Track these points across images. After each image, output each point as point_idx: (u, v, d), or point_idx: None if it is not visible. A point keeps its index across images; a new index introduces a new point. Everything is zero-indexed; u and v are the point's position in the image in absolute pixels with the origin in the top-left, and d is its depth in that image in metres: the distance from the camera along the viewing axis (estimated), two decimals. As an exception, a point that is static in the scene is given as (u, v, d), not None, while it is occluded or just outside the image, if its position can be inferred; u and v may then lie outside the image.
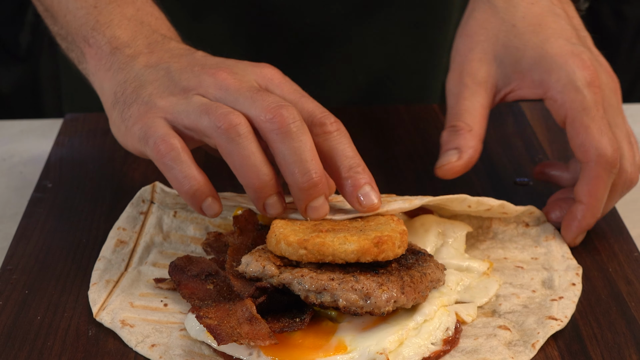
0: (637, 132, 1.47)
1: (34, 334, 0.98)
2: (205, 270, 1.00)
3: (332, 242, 0.92)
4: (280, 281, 0.92)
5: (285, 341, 0.91)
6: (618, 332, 0.98)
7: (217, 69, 1.03)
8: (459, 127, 1.11)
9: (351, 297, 0.89)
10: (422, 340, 0.93)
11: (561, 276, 1.04)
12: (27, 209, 1.20)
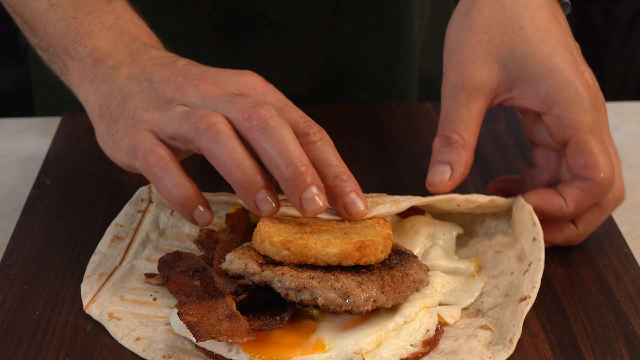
0: (628, 129, 1.48)
1: (33, 329, 0.98)
2: (193, 266, 1.00)
3: (315, 244, 0.92)
4: (261, 279, 0.92)
5: (265, 339, 0.91)
6: (608, 326, 0.98)
7: (200, 80, 1.03)
8: (453, 140, 1.08)
9: (330, 295, 0.89)
10: (401, 342, 0.93)
11: (526, 239, 1.04)
12: (25, 206, 1.20)
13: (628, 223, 1.23)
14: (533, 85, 1.09)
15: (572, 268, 1.07)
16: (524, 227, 1.05)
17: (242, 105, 0.97)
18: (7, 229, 1.20)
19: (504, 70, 1.10)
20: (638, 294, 1.02)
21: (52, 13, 1.14)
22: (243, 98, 0.99)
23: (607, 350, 0.95)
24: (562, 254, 1.09)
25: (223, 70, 1.06)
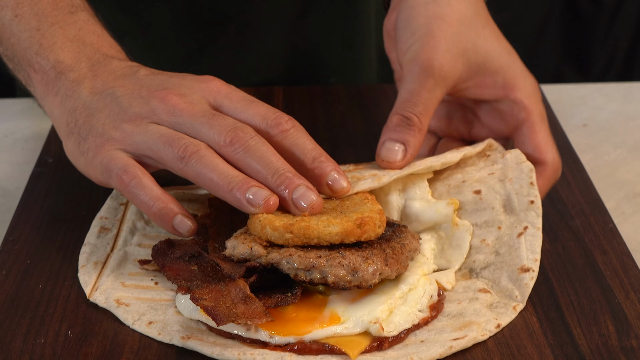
0: (613, 109, 1.48)
1: (36, 302, 0.98)
2: (188, 252, 1.00)
3: (317, 225, 0.92)
4: (268, 261, 0.92)
5: (280, 316, 0.91)
6: (594, 299, 0.98)
7: (164, 91, 1.02)
8: (413, 122, 1.07)
9: (339, 272, 0.89)
10: (409, 308, 0.93)
11: (518, 192, 1.03)
12: (28, 183, 1.20)
13: (613, 200, 1.23)
14: (491, 76, 1.12)
15: (559, 243, 1.07)
16: (511, 172, 1.05)
17: (221, 129, 0.98)
18: (11, 206, 1.20)
19: (467, 63, 1.12)
20: (623, 268, 1.03)
21: (16, 24, 1.12)
22: (220, 120, 0.99)
23: (593, 323, 0.95)
24: (550, 230, 1.09)
25: (185, 78, 1.06)
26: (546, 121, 1.12)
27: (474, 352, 0.91)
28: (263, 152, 0.97)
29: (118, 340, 0.93)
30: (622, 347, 0.92)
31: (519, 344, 0.92)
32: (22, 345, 0.92)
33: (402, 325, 0.92)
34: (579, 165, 1.23)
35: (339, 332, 0.90)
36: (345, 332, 0.90)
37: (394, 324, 0.91)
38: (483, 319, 0.92)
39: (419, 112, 1.07)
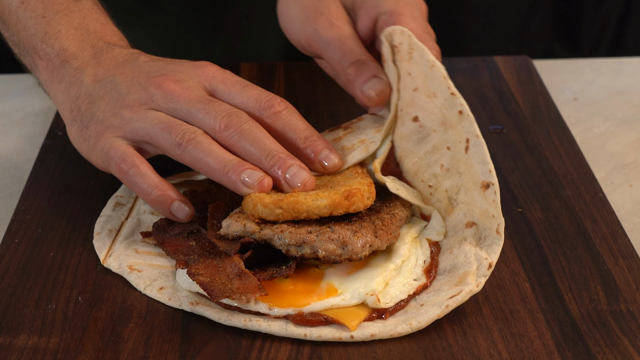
0: (602, 83, 1.48)
1: (47, 269, 0.98)
2: (187, 228, 1.00)
3: (305, 199, 0.92)
4: (261, 237, 0.92)
5: (278, 289, 0.91)
6: (584, 265, 0.98)
7: (161, 78, 1.03)
8: (365, 60, 1.06)
9: (329, 247, 0.90)
10: (404, 279, 0.93)
11: (446, 106, 0.99)
12: (39, 155, 1.20)
13: (603, 171, 1.23)
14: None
15: (550, 212, 1.07)
16: (431, 84, 0.99)
17: (216, 114, 0.99)
18: (22, 177, 1.20)
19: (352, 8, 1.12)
20: (612, 236, 1.03)
21: (22, 10, 1.12)
22: (216, 105, 1.00)
23: (583, 288, 0.95)
24: (542, 199, 1.09)
25: (182, 64, 1.06)
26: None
27: (470, 318, 0.91)
28: (256, 135, 0.98)
29: (126, 306, 0.93)
30: (612, 311, 0.92)
31: (512, 308, 0.92)
32: (35, 310, 0.93)
33: (398, 296, 0.92)
34: (570, 137, 1.23)
35: (337, 303, 0.90)
36: (343, 304, 0.90)
37: (389, 296, 0.92)
38: (474, 265, 0.92)
39: (361, 54, 1.06)
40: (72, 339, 0.89)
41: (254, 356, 0.87)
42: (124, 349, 0.88)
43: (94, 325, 0.91)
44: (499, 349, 0.88)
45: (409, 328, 0.89)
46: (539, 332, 0.90)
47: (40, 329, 0.90)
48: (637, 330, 0.89)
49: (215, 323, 0.91)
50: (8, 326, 0.91)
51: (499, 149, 1.20)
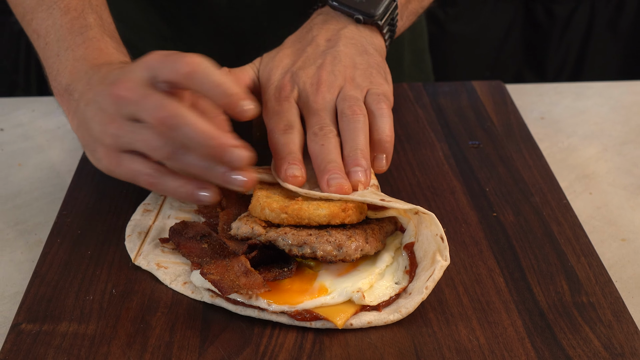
0: (565, 104, 1.48)
1: (86, 265, 0.98)
2: (199, 232, 0.99)
3: (308, 207, 0.92)
4: (267, 238, 0.92)
5: (277, 287, 0.91)
6: (550, 263, 0.98)
7: (112, 87, 0.93)
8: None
9: (327, 248, 0.89)
10: (387, 282, 0.93)
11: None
12: (79, 166, 1.20)
13: (566, 180, 1.23)
14: None
15: (521, 216, 1.07)
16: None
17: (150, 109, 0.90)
18: (64, 185, 1.20)
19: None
20: (574, 237, 1.03)
21: (47, 50, 1.09)
22: (151, 99, 0.91)
23: (550, 282, 0.95)
24: (513, 205, 1.09)
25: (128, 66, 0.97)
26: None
27: (452, 308, 0.91)
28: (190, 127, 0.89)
29: (154, 297, 0.93)
30: (575, 302, 0.92)
31: (488, 300, 0.92)
32: (74, 301, 0.93)
33: (381, 297, 0.91)
34: (538, 151, 1.23)
35: (327, 302, 0.89)
36: (332, 302, 0.89)
37: (374, 295, 0.91)
38: (434, 244, 0.91)
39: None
40: (107, 326, 0.89)
41: (264, 341, 0.87)
42: (152, 335, 0.88)
43: (126, 314, 0.91)
44: (477, 335, 0.87)
45: (400, 315, 0.89)
46: (512, 321, 0.89)
47: (80, 318, 0.90)
48: (597, 319, 0.89)
49: (231, 313, 0.91)
50: (52, 315, 0.91)
51: (477, 162, 1.19)
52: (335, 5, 1.13)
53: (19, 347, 0.86)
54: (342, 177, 0.95)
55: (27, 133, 1.40)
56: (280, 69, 1.10)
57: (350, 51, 1.09)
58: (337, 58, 1.08)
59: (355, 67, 1.08)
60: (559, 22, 2.64)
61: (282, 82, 1.07)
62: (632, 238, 1.11)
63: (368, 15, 1.12)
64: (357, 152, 0.98)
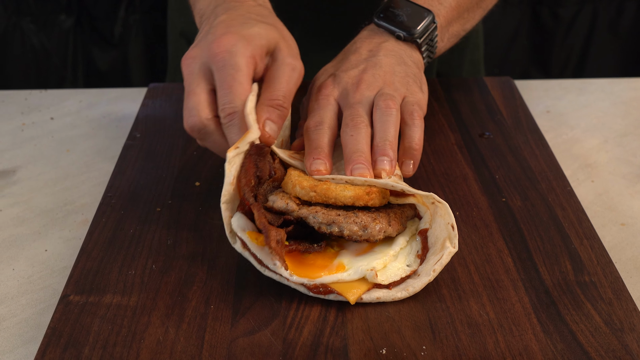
0: (569, 99, 1.46)
1: (128, 242, 0.98)
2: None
3: (335, 188, 0.91)
4: (299, 215, 0.91)
5: (301, 260, 0.90)
6: (555, 244, 0.97)
7: (184, 58, 0.99)
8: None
9: (353, 228, 0.89)
10: (400, 264, 0.92)
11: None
12: (122, 153, 1.20)
13: (570, 169, 1.22)
14: None
15: (528, 201, 1.06)
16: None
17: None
18: (108, 170, 1.21)
19: None
20: (578, 221, 1.02)
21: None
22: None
23: (555, 262, 0.94)
24: (521, 191, 1.08)
25: (246, 23, 1.00)
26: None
27: (464, 285, 0.91)
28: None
29: (191, 272, 0.93)
30: (577, 281, 0.91)
31: (497, 278, 0.92)
32: (118, 275, 0.93)
33: (392, 277, 0.90)
34: (544, 142, 1.22)
35: (343, 278, 0.89)
36: (347, 279, 0.89)
37: (386, 275, 0.90)
38: (445, 231, 0.90)
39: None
40: (148, 299, 0.89)
41: (291, 314, 0.87)
42: (188, 307, 0.88)
43: (165, 287, 0.91)
44: (487, 310, 0.87)
45: (407, 293, 0.89)
46: (519, 297, 0.89)
47: (123, 290, 0.90)
48: (598, 297, 0.89)
49: (260, 289, 0.90)
50: (97, 287, 0.91)
51: (487, 151, 1.19)
52: (379, 23, 1.14)
53: (67, 316, 0.87)
54: (365, 167, 0.95)
55: (74, 122, 1.40)
56: (325, 73, 1.11)
57: (390, 60, 1.10)
58: (378, 65, 1.08)
59: (394, 73, 1.08)
60: (563, 23, 2.62)
61: (324, 82, 1.08)
62: (630, 223, 1.10)
63: (408, 33, 1.13)
64: (385, 142, 0.98)
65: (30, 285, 0.99)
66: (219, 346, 0.83)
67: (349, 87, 1.05)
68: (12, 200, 1.16)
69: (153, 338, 0.84)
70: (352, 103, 1.03)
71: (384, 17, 1.14)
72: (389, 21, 1.14)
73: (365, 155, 0.96)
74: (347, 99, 1.04)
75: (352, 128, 0.99)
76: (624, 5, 2.60)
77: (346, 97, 1.04)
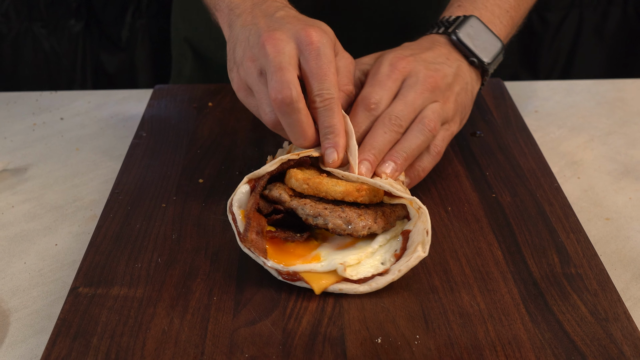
0: (557, 100, 1.46)
1: (134, 237, 0.98)
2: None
3: (327, 183, 0.91)
4: (289, 205, 0.92)
5: (283, 247, 0.91)
6: (543, 238, 0.97)
7: (267, 38, 0.93)
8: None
9: (337, 222, 0.89)
10: (374, 262, 0.91)
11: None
12: (128, 151, 1.20)
13: (557, 166, 1.22)
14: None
15: (517, 197, 1.06)
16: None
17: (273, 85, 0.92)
18: (116, 168, 1.20)
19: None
20: (564, 216, 1.02)
21: None
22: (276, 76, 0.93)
23: (542, 255, 0.94)
24: (511, 187, 1.08)
25: (294, 23, 0.96)
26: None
27: (456, 277, 0.91)
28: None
29: (195, 266, 0.93)
30: (564, 273, 0.91)
31: (488, 270, 0.92)
32: (125, 268, 0.93)
33: (363, 273, 0.89)
34: (532, 140, 1.22)
35: (315, 269, 0.88)
36: (319, 270, 0.89)
37: (356, 271, 0.89)
38: (420, 236, 0.89)
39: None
40: (153, 290, 0.89)
41: (290, 305, 0.87)
42: (192, 298, 0.88)
43: (170, 280, 0.91)
44: (477, 301, 0.87)
45: (369, 288, 0.88)
46: (509, 289, 0.89)
47: (129, 282, 0.90)
48: (584, 288, 0.89)
49: (262, 279, 0.90)
50: (105, 280, 0.91)
51: (478, 149, 1.19)
52: (456, 40, 1.11)
53: (76, 307, 0.87)
54: (371, 168, 0.95)
55: (83, 122, 1.40)
56: (399, 50, 1.07)
57: (460, 84, 1.07)
58: (448, 77, 1.05)
59: (457, 94, 1.06)
60: (551, 28, 2.62)
61: (404, 57, 1.04)
62: (615, 217, 1.10)
63: (480, 61, 1.11)
64: (403, 155, 0.98)
65: (41, 278, 0.99)
66: (222, 336, 0.83)
67: (420, 77, 1.02)
68: (24, 197, 1.16)
69: (158, 328, 0.84)
70: (410, 101, 1.00)
71: (464, 36, 1.11)
72: (469, 42, 1.11)
73: (379, 156, 0.96)
74: (411, 89, 1.02)
75: (389, 127, 0.98)
76: (609, 10, 2.60)
77: (413, 85, 1.02)
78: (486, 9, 1.16)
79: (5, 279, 0.98)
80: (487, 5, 1.17)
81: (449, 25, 1.13)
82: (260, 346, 0.81)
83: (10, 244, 1.05)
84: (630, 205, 1.13)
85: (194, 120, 1.29)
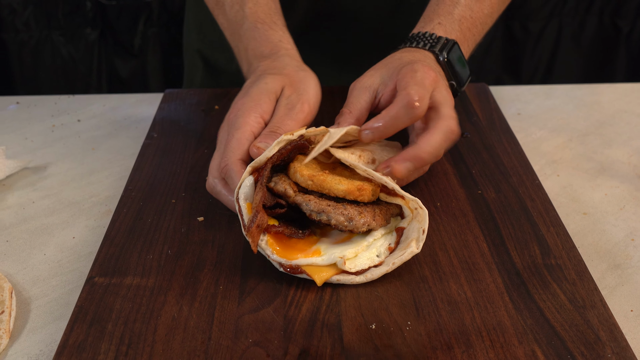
0: (537, 103, 1.46)
1: (146, 230, 0.98)
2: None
3: (331, 180, 0.91)
4: (294, 201, 0.91)
5: (286, 241, 0.90)
6: (525, 231, 0.97)
7: (243, 99, 1.04)
8: (343, 112, 1.02)
9: (340, 218, 0.88)
10: (370, 254, 0.91)
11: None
12: (141, 150, 1.20)
13: (538, 164, 1.22)
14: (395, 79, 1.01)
15: (501, 193, 1.06)
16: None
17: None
18: (129, 166, 1.20)
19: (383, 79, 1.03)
20: (545, 211, 1.02)
21: (230, 42, 1.20)
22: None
23: (525, 247, 0.94)
24: (495, 184, 1.08)
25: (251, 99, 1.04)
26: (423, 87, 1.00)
27: (445, 268, 0.91)
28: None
29: (202, 257, 0.93)
30: (545, 264, 0.91)
31: (474, 261, 0.92)
32: (137, 259, 0.93)
33: (361, 265, 0.89)
34: (515, 140, 1.22)
35: (316, 262, 0.88)
36: (320, 263, 0.88)
37: (354, 264, 0.89)
38: (416, 233, 0.90)
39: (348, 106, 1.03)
40: (164, 280, 0.89)
41: (291, 293, 0.87)
42: (200, 287, 0.88)
43: (179, 270, 0.91)
44: (464, 290, 0.87)
45: (365, 279, 0.88)
46: (493, 278, 0.89)
47: (142, 273, 0.90)
48: (563, 278, 0.89)
49: (265, 270, 0.90)
50: (119, 270, 0.91)
51: (465, 149, 1.19)
52: (443, 62, 1.09)
53: (92, 296, 0.87)
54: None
55: (99, 123, 1.40)
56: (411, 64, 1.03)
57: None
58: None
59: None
60: (532, 36, 2.62)
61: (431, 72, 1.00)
62: (591, 212, 1.10)
63: (456, 87, 1.12)
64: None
65: (60, 268, 0.99)
66: (227, 322, 0.83)
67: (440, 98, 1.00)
68: (44, 193, 1.16)
69: (169, 315, 0.84)
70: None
71: (453, 60, 1.10)
72: (453, 66, 1.10)
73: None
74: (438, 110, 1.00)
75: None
76: (586, 20, 2.60)
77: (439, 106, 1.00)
78: (461, 32, 1.14)
79: (26, 269, 0.98)
80: (462, 29, 1.15)
81: (434, 44, 1.10)
82: (263, 332, 0.81)
83: (31, 237, 1.05)
84: (605, 200, 1.13)
85: (201, 122, 1.29)
